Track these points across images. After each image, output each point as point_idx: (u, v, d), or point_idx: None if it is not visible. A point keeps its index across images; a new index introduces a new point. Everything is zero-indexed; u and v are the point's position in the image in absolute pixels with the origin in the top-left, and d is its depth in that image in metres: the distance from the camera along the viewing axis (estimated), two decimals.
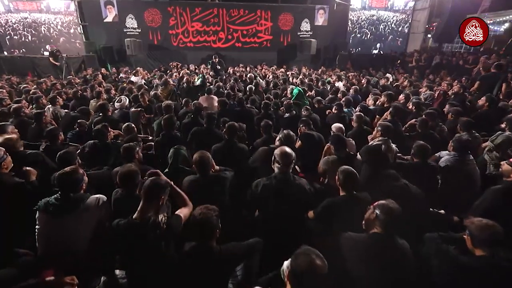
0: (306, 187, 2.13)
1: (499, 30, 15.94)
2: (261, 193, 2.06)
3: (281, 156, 2.08)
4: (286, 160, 2.08)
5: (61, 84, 8.00)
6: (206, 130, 3.45)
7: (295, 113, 4.28)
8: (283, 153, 2.10)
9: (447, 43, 13.85)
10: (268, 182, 2.08)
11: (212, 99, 5.43)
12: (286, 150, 2.12)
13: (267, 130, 3.39)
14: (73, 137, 3.85)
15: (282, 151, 2.11)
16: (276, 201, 2.06)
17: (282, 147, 2.17)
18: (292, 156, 2.10)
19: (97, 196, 1.97)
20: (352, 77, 8.94)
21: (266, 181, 2.10)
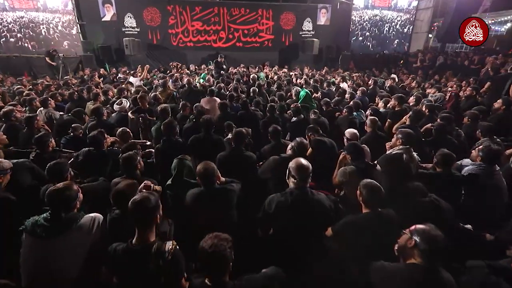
0: (326, 204, 1.91)
1: (500, 30, 15.88)
2: (275, 211, 1.83)
3: (297, 169, 1.86)
4: (303, 174, 1.85)
5: (58, 85, 7.77)
6: (205, 137, 3.20)
7: (303, 117, 4.04)
8: (300, 166, 1.87)
9: (451, 43, 13.65)
10: (283, 199, 1.84)
11: (214, 101, 5.19)
12: (303, 163, 1.89)
13: (276, 136, 3.15)
14: (66, 142, 3.61)
15: (298, 164, 1.88)
16: (293, 220, 1.83)
17: (298, 159, 1.93)
18: (309, 169, 1.88)
19: (92, 215, 1.73)
20: (357, 78, 8.73)
21: (280, 197, 1.87)
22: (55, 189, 1.64)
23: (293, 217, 1.82)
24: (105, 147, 2.90)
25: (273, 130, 3.15)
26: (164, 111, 3.61)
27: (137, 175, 2.30)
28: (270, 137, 3.20)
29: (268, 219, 1.91)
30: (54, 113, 4.74)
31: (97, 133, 2.79)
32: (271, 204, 1.87)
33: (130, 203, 1.48)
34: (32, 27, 11.84)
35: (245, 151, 2.83)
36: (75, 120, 4.13)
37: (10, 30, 11.60)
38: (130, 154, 2.30)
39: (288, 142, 3.26)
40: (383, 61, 13.38)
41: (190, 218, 2.11)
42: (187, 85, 5.58)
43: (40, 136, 2.90)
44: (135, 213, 1.46)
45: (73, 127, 3.69)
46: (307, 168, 1.87)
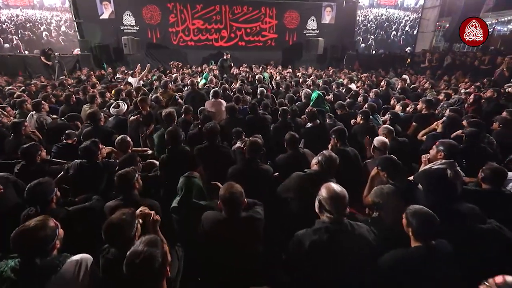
0: (370, 237, 1.55)
1: (503, 29, 15.62)
2: (309, 252, 1.46)
3: (331, 200, 1.50)
4: (339, 206, 1.50)
5: (53, 85, 7.39)
6: (209, 147, 2.82)
7: (319, 122, 3.68)
8: (334, 196, 1.51)
9: (459, 43, 13.32)
10: (317, 238, 1.47)
11: (220, 104, 4.83)
12: (337, 191, 1.53)
13: (293, 144, 2.79)
14: (58, 151, 3.24)
15: (331, 193, 1.52)
16: (331, 262, 1.47)
17: (329, 187, 1.56)
18: (346, 198, 1.52)
19: (78, 258, 1.36)
20: (365, 79, 8.38)
21: (313, 235, 1.49)
22: (24, 229, 1.26)
23: (331, 258, 1.46)
24: (100, 159, 2.54)
25: (290, 138, 2.79)
26: (169, 117, 3.24)
27: (134, 196, 1.94)
28: (286, 145, 2.84)
29: (299, 262, 1.54)
30: (46, 119, 4.36)
31: (90, 144, 2.43)
32: (302, 244, 1.49)
33: (127, 265, 1.10)
34: (29, 27, 11.36)
35: (261, 164, 2.47)
36: (69, 125, 3.76)
37: (5, 30, 11.05)
38: (126, 172, 1.94)
39: (306, 151, 2.91)
40: (389, 61, 13.06)
41: (206, 249, 1.75)
42: (190, 86, 5.20)
43: (27, 148, 2.53)
44: (137, 278, 1.09)
45: (66, 133, 3.33)
46: (343, 197, 1.51)
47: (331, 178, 2.19)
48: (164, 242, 1.29)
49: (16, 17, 11.31)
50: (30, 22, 11.36)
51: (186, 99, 5.05)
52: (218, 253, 1.79)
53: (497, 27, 15.62)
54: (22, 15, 11.35)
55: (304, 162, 2.81)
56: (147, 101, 3.89)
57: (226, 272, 1.63)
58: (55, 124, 3.91)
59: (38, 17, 11.49)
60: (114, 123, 4.08)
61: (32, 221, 1.32)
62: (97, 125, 3.30)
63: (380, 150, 2.70)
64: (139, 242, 1.17)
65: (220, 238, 1.75)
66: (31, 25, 11.35)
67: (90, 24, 10.79)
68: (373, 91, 5.77)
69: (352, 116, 4.43)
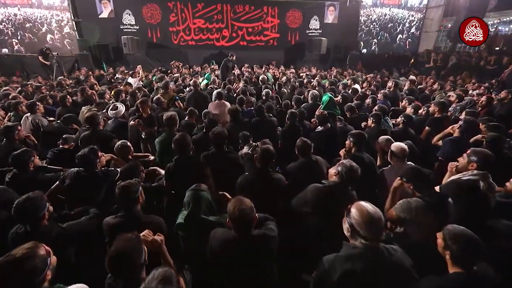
0: (407, 263, 1.36)
1: (504, 29, 15.48)
2: (339, 283, 1.26)
3: (367, 225, 1.29)
4: (377, 230, 1.30)
5: (50, 85, 7.19)
6: (216, 154, 2.62)
7: (330, 126, 3.49)
8: (369, 220, 1.30)
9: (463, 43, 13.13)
10: (350, 267, 1.26)
11: (224, 106, 4.64)
12: (372, 214, 1.32)
13: (306, 152, 2.60)
14: (54, 157, 3.05)
15: (367, 216, 1.31)
16: None
17: (363, 208, 1.35)
18: (382, 220, 1.32)
19: None
20: (371, 79, 8.21)
21: (345, 263, 1.28)
22: (9, 260, 1.08)
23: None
24: (99, 168, 2.34)
25: (303, 145, 2.60)
26: (170, 120, 3.04)
27: (136, 212, 1.75)
28: (298, 152, 2.65)
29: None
30: (42, 120, 4.17)
31: (89, 152, 2.23)
32: (331, 273, 1.28)
33: None
34: (30, 28, 11.01)
35: (273, 173, 2.28)
36: (66, 129, 3.57)
37: (2, 32, 10.75)
38: (130, 184, 1.75)
39: (319, 159, 2.72)
40: (392, 61, 12.89)
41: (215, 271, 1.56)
42: (193, 87, 5.00)
43: (18, 155, 2.33)
44: None
45: (63, 138, 3.13)
46: (379, 220, 1.31)
47: (351, 191, 2.01)
48: (177, 274, 1.10)
49: (15, 17, 11.01)
50: (30, 22, 11.03)
51: (188, 100, 4.86)
52: (229, 275, 1.61)
53: (499, 27, 15.50)
54: (21, 14, 11.04)
55: (317, 171, 2.62)
56: (148, 103, 3.69)
57: None
58: (51, 127, 3.71)
59: (38, 16, 11.17)
60: (114, 126, 3.88)
61: (19, 249, 1.13)
62: (95, 129, 3.11)
63: (398, 157, 2.51)
64: (152, 278, 0.99)
65: (230, 259, 1.57)
66: (31, 25, 11.01)
67: (89, 23, 10.58)
68: (381, 92, 5.60)
69: (362, 119, 4.25)
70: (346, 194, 1.95)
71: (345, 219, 1.39)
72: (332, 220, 1.90)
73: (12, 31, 10.84)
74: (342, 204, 1.95)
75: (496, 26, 15.31)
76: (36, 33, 10.99)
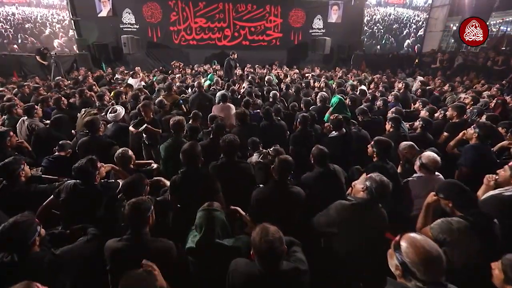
0: None
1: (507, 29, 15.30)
2: None
3: (426, 267, 1.07)
4: (436, 272, 1.08)
5: (48, 86, 6.95)
6: (227, 165, 2.38)
7: (345, 131, 3.27)
8: (427, 258, 1.07)
9: None
10: None
11: (229, 108, 4.42)
12: (431, 252, 1.09)
13: (322, 161, 2.38)
14: (50, 165, 2.83)
15: (421, 252, 1.08)
16: None
17: (416, 242, 1.11)
18: (442, 259, 1.09)
19: None
20: (378, 80, 7.99)
21: None
22: None
23: None
24: (98, 180, 2.12)
25: (320, 153, 2.38)
26: (178, 125, 2.81)
27: (145, 235, 1.52)
28: (314, 161, 2.43)
29: None
30: (39, 125, 3.94)
31: (87, 163, 2.01)
32: None
33: None
34: (31, 29, 10.65)
35: (291, 185, 2.06)
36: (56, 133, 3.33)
37: (1, 34, 10.28)
38: (141, 202, 1.55)
39: (337, 168, 2.50)
40: (396, 62, 12.69)
41: None
42: (197, 88, 4.77)
43: (6, 164, 2.11)
44: None
45: (59, 145, 2.91)
46: (440, 259, 1.08)
47: (382, 209, 1.79)
48: None
49: (13, 16, 10.66)
50: (30, 22, 10.64)
51: (192, 102, 4.63)
52: None
53: (502, 27, 15.32)
54: (19, 13, 10.72)
55: (336, 181, 2.41)
56: (151, 106, 3.47)
57: None
58: (46, 132, 3.46)
59: (38, 16, 10.79)
60: (113, 131, 3.66)
61: None
62: (94, 135, 2.88)
63: (428, 169, 2.30)
64: None
65: None
66: (31, 26, 10.68)
67: (88, 22, 10.34)
68: (393, 94, 5.38)
69: (376, 122, 4.04)
70: (377, 213, 1.74)
71: (393, 253, 1.17)
72: (361, 244, 1.69)
73: (12, 33, 10.47)
74: (372, 224, 1.75)
75: (499, 26, 15.13)
76: (38, 35, 10.63)
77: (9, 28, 10.54)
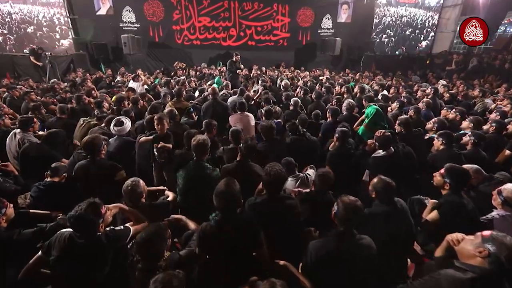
0: None
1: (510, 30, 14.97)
2: None
3: None
4: None
5: (43, 90, 6.38)
6: (271, 201, 1.85)
7: (393, 150, 2.76)
8: None
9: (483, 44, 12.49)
10: None
11: (247, 118, 3.90)
12: None
13: (389, 197, 1.87)
14: (40, 195, 2.30)
15: None
16: None
17: None
18: None
19: None
20: (397, 84, 7.48)
21: None
22: None
23: None
24: (102, 228, 1.58)
25: (385, 187, 1.86)
26: (201, 148, 2.26)
27: None
28: (378, 196, 1.91)
29: None
30: (32, 141, 3.39)
31: (87, 210, 1.47)
32: None
33: None
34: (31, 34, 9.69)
35: (356, 234, 1.54)
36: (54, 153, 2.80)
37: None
38: (172, 278, 1.04)
39: (404, 206, 1.99)
40: (406, 63, 12.21)
41: None
42: (211, 95, 4.21)
43: None
44: None
45: (52, 169, 2.37)
46: None
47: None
48: None
49: (9, 16, 9.87)
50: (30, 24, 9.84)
51: (206, 111, 4.09)
52: None
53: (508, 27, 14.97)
54: (16, 13, 9.93)
55: (407, 223, 1.90)
56: (167, 119, 2.90)
57: None
58: (36, 149, 2.89)
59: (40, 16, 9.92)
60: (117, 146, 3.13)
61: None
62: (94, 158, 2.33)
63: None
64: None
65: None
66: (34, 28, 9.82)
67: (85, 20, 9.75)
68: (424, 101, 4.87)
69: (417, 136, 3.53)
70: None
71: None
72: None
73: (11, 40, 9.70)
74: None
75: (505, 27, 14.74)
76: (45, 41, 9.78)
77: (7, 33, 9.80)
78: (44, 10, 10.00)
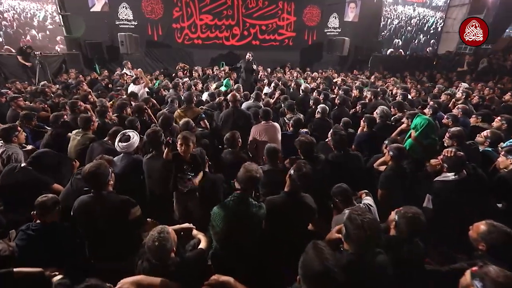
0: None
1: None
2: None
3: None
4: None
5: (32, 93, 5.73)
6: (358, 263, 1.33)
7: (466, 173, 2.27)
8: None
9: (492, 43, 12.26)
10: None
11: (273, 129, 3.36)
12: None
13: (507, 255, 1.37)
14: (28, 242, 1.73)
15: None
16: None
17: None
18: None
19: None
20: (414, 86, 7.06)
21: None
22: None
23: None
24: None
25: (505, 241, 1.37)
26: (250, 181, 1.69)
27: None
28: (491, 252, 1.41)
29: None
30: (18, 155, 2.81)
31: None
32: None
33: None
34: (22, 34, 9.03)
35: None
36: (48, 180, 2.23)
37: None
38: None
39: None
40: (414, 63, 11.86)
41: None
42: (231, 102, 3.63)
43: None
44: None
45: (39, 204, 1.79)
46: None
47: None
48: None
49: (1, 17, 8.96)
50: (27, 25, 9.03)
51: (225, 120, 3.53)
52: None
53: None
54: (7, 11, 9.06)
55: None
56: (193, 141, 2.27)
57: None
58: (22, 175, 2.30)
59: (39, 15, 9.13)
60: (124, 167, 2.57)
61: None
62: (98, 193, 1.77)
63: None
64: None
65: None
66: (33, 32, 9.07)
67: (79, 17, 9.04)
68: (460, 107, 4.41)
69: (476, 151, 3.06)
70: None
71: None
72: None
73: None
74: None
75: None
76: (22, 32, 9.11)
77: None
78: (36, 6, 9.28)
